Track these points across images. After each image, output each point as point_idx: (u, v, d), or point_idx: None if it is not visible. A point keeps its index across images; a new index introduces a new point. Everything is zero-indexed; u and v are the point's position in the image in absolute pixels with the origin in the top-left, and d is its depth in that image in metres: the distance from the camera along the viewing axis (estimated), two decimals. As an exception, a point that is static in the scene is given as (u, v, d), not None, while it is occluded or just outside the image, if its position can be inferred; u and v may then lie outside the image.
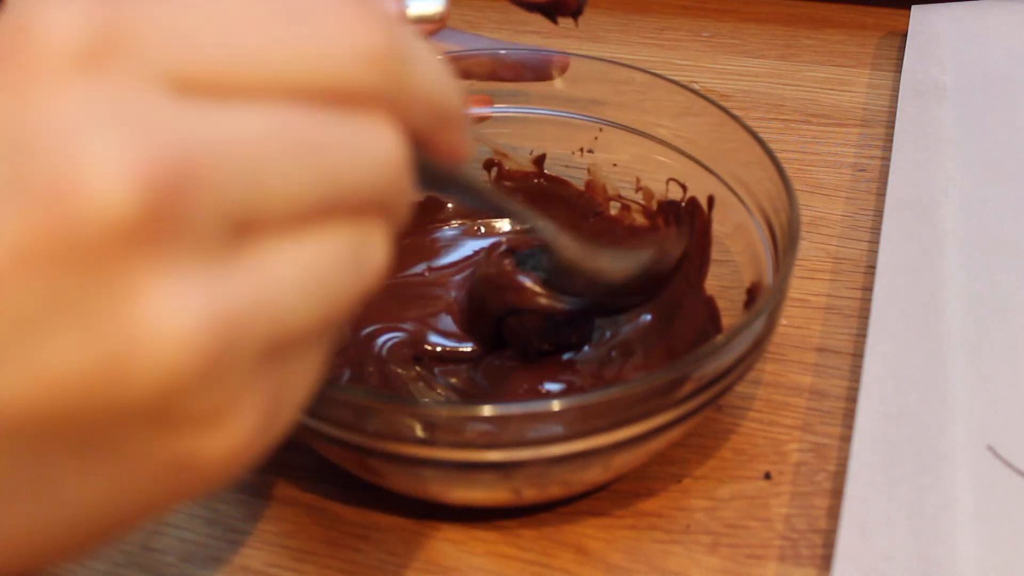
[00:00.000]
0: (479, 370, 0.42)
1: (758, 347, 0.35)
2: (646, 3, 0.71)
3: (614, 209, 0.49)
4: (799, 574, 0.35)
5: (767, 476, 0.39)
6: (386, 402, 0.33)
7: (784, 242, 0.38)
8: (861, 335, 0.44)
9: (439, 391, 0.41)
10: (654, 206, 0.48)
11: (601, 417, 0.32)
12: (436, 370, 0.42)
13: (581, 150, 0.49)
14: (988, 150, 0.52)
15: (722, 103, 0.43)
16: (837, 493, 0.38)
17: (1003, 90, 0.56)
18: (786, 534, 0.37)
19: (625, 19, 0.70)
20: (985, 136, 0.53)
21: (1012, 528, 0.34)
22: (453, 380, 0.41)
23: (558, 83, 0.48)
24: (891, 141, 0.53)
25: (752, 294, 0.41)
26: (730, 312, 0.42)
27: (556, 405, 0.31)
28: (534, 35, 0.68)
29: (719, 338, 0.34)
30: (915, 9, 0.64)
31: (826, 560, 0.35)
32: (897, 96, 0.56)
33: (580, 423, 0.32)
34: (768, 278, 0.39)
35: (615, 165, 0.49)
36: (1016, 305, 0.43)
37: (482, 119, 0.49)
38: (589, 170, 0.49)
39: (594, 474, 0.36)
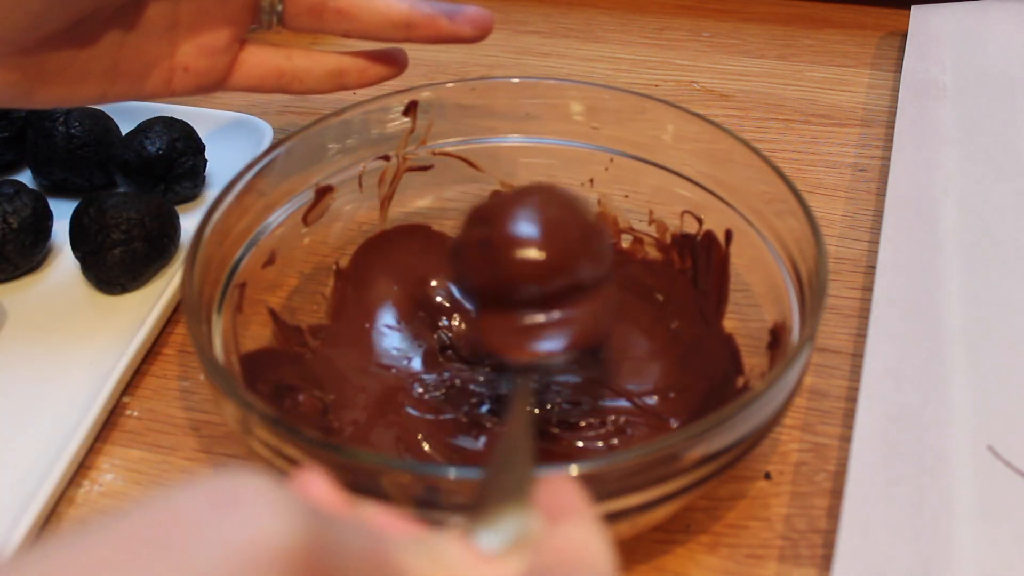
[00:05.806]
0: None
1: (796, 391, 0.35)
2: (646, 3, 0.71)
3: (625, 242, 0.47)
4: (799, 574, 0.36)
5: (767, 476, 0.39)
6: (395, 467, 0.31)
7: (810, 283, 0.36)
8: (861, 335, 0.44)
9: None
10: (668, 239, 0.46)
11: (633, 477, 0.31)
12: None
13: (591, 181, 0.47)
14: (988, 150, 0.52)
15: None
16: (837, 493, 0.38)
17: (1003, 90, 0.56)
18: (786, 534, 0.37)
19: (625, 19, 0.70)
20: (985, 136, 0.53)
21: (1012, 528, 0.34)
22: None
23: (568, 111, 0.46)
24: (891, 141, 0.53)
25: (776, 335, 0.39)
26: (750, 350, 0.41)
27: (576, 470, 0.30)
28: (534, 35, 0.68)
29: (756, 390, 0.32)
30: (915, 9, 0.64)
31: (826, 560, 0.35)
32: (897, 96, 0.56)
33: (611, 484, 0.31)
34: (792, 318, 0.37)
35: (627, 197, 0.46)
36: (1016, 305, 0.43)
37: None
38: (599, 201, 0.47)
39: (619, 532, 0.34)
